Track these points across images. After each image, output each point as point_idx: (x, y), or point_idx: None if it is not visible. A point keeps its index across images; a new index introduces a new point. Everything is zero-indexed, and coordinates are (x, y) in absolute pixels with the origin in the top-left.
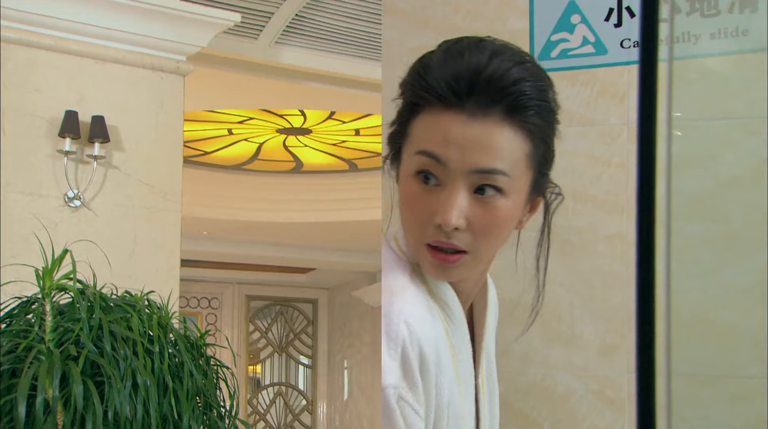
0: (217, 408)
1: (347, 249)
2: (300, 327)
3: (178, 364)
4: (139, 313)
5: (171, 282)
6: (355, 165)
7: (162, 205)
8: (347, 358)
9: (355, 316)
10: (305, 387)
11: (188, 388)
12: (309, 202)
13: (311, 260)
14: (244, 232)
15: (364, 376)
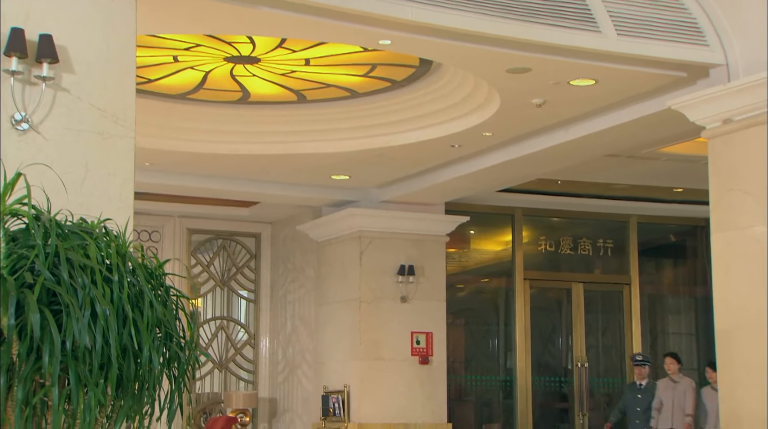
0: (177, 338)
1: (293, 182)
2: (242, 261)
3: (137, 293)
4: (96, 240)
5: (125, 211)
6: (303, 96)
7: (114, 130)
8: (290, 293)
9: (299, 250)
10: (247, 321)
11: (148, 319)
12: (255, 133)
13: (255, 193)
14: (188, 164)
15: (307, 311)
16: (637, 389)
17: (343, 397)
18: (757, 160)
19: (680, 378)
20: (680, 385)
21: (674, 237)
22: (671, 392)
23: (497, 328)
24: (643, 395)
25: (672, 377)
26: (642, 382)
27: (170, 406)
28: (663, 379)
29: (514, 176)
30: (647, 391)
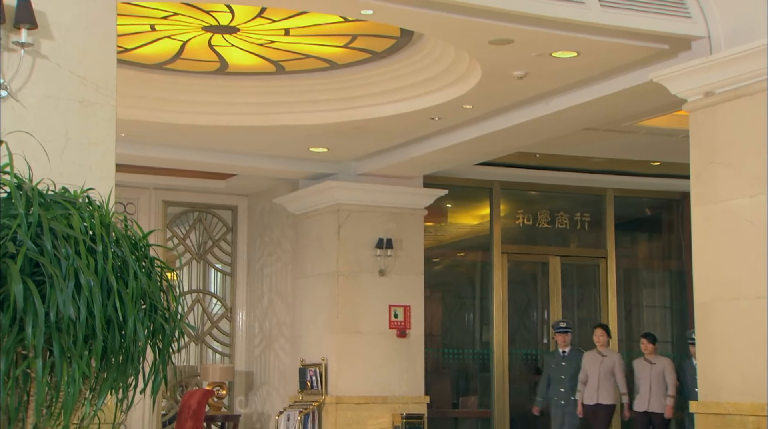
0: (162, 310)
1: (270, 155)
2: (219, 234)
3: (121, 264)
4: (79, 210)
5: (106, 181)
6: (282, 67)
7: (95, 99)
8: (267, 266)
9: (276, 223)
10: (224, 294)
11: (133, 290)
12: (233, 105)
13: (232, 166)
14: (164, 135)
15: (284, 284)
16: (560, 357)
17: (320, 370)
18: (738, 132)
19: (608, 351)
20: (608, 358)
21: (650, 211)
22: (598, 366)
23: (474, 301)
24: (568, 363)
25: (600, 350)
26: (565, 350)
27: (155, 378)
28: (589, 352)
29: (494, 149)
30: (571, 359)
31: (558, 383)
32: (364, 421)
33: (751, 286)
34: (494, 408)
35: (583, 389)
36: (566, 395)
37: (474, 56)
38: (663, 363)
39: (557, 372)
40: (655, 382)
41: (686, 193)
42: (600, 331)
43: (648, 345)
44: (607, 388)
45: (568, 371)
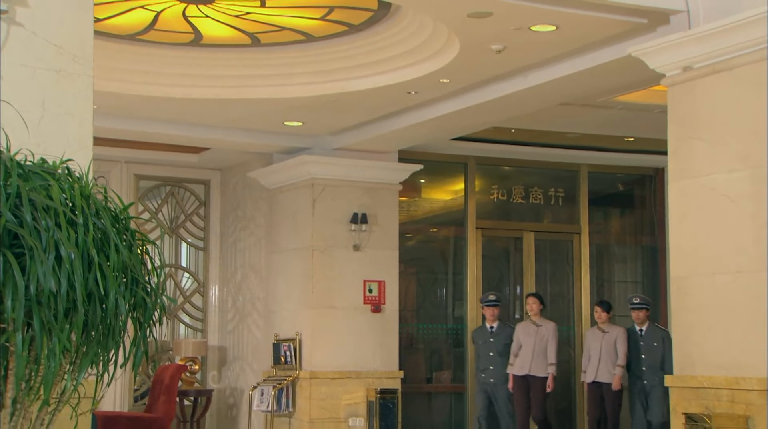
0: (143, 283)
1: (244, 128)
2: (191, 208)
3: (102, 237)
4: (59, 182)
5: (84, 152)
6: (258, 39)
7: (72, 68)
8: (240, 241)
9: (250, 198)
10: (196, 269)
11: (114, 263)
12: (207, 77)
13: (205, 139)
14: (136, 108)
15: (257, 259)
16: (488, 332)
17: (294, 345)
18: (717, 108)
19: (542, 321)
20: (542, 328)
21: (623, 186)
22: (533, 336)
23: (447, 277)
24: (496, 339)
25: (534, 320)
26: (493, 325)
27: (137, 352)
28: (522, 322)
29: (470, 124)
30: (500, 334)
31: (486, 360)
32: (339, 396)
33: (729, 261)
34: (468, 383)
35: (516, 361)
36: (496, 373)
37: (452, 29)
38: (616, 332)
39: (485, 348)
40: (606, 352)
41: (659, 168)
42: (532, 300)
43: (602, 313)
44: (543, 360)
45: (497, 347)
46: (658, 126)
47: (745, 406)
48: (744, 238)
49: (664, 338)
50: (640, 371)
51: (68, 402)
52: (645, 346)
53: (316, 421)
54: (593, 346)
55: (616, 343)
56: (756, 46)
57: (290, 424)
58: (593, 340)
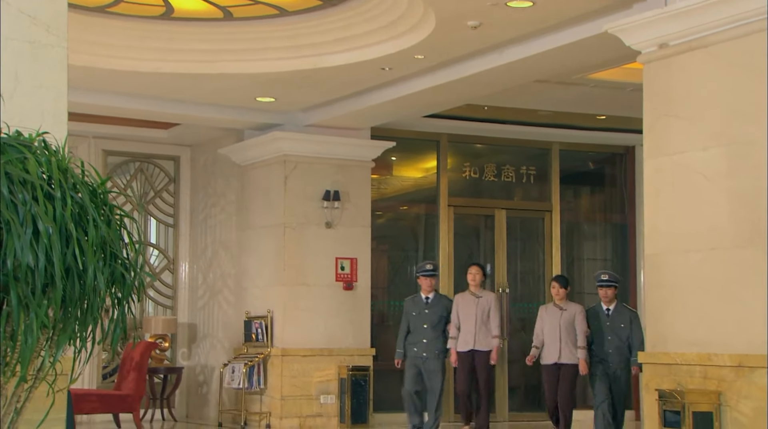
0: (122, 259)
1: (215, 104)
2: (161, 185)
3: (80, 211)
4: (35, 155)
5: (59, 126)
6: (230, 13)
7: (46, 40)
8: (211, 217)
9: (221, 174)
10: (166, 246)
11: (93, 238)
12: (178, 51)
13: (175, 114)
14: (105, 82)
15: (228, 236)
16: (423, 303)
17: (266, 323)
18: (692, 85)
19: (482, 292)
20: (483, 300)
21: (593, 165)
22: (474, 308)
23: (419, 254)
24: (432, 310)
25: (473, 291)
26: (429, 296)
27: (115, 329)
28: (461, 294)
29: (445, 101)
30: (435, 305)
31: (419, 333)
32: (310, 373)
33: (703, 238)
34: None
35: (457, 335)
36: (429, 347)
37: (428, 5)
38: (574, 309)
39: (418, 321)
40: (566, 332)
41: (630, 146)
42: (475, 270)
43: (560, 289)
44: (485, 332)
45: (431, 320)
46: (630, 104)
47: (717, 382)
48: (718, 216)
49: (632, 320)
50: (605, 354)
51: (44, 379)
52: (611, 327)
53: (288, 398)
54: (550, 325)
55: (575, 323)
56: (731, 23)
57: (261, 401)
58: (550, 318)
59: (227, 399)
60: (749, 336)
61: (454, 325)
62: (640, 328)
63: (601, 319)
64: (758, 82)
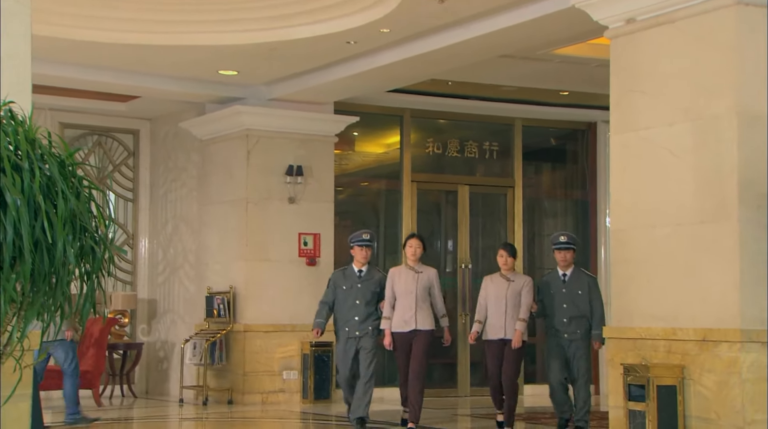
0: (91, 232)
1: (176, 77)
2: (120, 159)
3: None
4: (1, 125)
5: (24, 96)
6: None
7: (11, 7)
8: (171, 192)
9: (181, 148)
10: (125, 221)
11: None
12: (138, 22)
13: (135, 87)
14: (63, 53)
15: (189, 211)
16: (356, 276)
17: (228, 298)
18: (659, 60)
19: (422, 267)
20: (423, 275)
21: (555, 141)
22: (414, 284)
23: (380, 230)
24: (365, 284)
25: (412, 265)
26: (362, 268)
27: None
28: (397, 267)
29: (409, 75)
30: (369, 279)
31: (351, 310)
32: (273, 349)
33: (669, 213)
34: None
35: (392, 314)
36: (362, 326)
37: None
38: (522, 280)
39: (349, 296)
40: (513, 305)
41: (592, 123)
42: (416, 242)
43: (508, 258)
44: (426, 310)
45: (364, 295)
46: (593, 80)
47: (681, 356)
48: (684, 191)
49: (591, 286)
50: (560, 324)
51: (12, 354)
52: (567, 294)
53: (250, 374)
54: (496, 297)
55: (522, 295)
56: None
57: (224, 377)
58: (495, 289)
59: (188, 375)
60: (713, 311)
61: (388, 302)
62: (600, 296)
63: (557, 286)
64: (725, 58)
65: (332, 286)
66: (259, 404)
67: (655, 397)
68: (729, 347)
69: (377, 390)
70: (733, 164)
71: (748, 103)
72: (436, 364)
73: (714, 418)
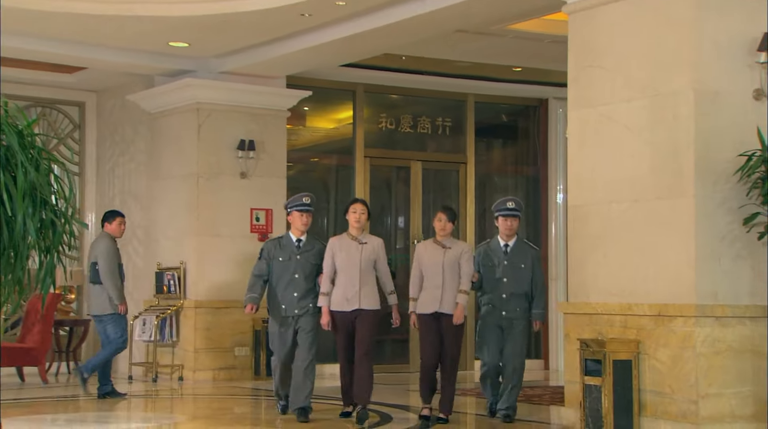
0: (51, 204)
1: (125, 48)
2: (65, 132)
3: (6, 154)
4: None
5: None
6: None
7: None
8: (119, 166)
9: (129, 122)
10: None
11: (22, 184)
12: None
13: (81, 58)
14: (4, 21)
15: (137, 185)
16: (294, 247)
17: (178, 274)
18: (616, 36)
19: (367, 237)
20: (368, 246)
21: (506, 117)
22: (358, 255)
23: (330, 206)
24: (304, 256)
25: (355, 234)
26: (301, 238)
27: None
28: (338, 236)
29: (364, 50)
30: (309, 250)
31: (289, 286)
32: (224, 325)
33: (626, 189)
34: None
35: (331, 290)
36: (302, 303)
37: None
38: (460, 247)
39: (287, 269)
40: (451, 275)
41: (544, 99)
42: (361, 208)
43: (447, 223)
44: (371, 287)
45: (303, 268)
46: (547, 56)
47: (637, 331)
48: (641, 168)
49: (535, 260)
50: (498, 300)
51: None
52: (509, 266)
53: (201, 351)
54: (431, 267)
55: (461, 263)
56: None
57: (174, 353)
58: (431, 257)
59: (137, 352)
60: (669, 286)
61: (327, 276)
62: (542, 272)
63: (498, 257)
64: (682, 34)
65: (266, 258)
66: (211, 381)
67: (611, 371)
68: (684, 322)
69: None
70: (689, 141)
71: (705, 80)
72: (387, 340)
73: (668, 392)
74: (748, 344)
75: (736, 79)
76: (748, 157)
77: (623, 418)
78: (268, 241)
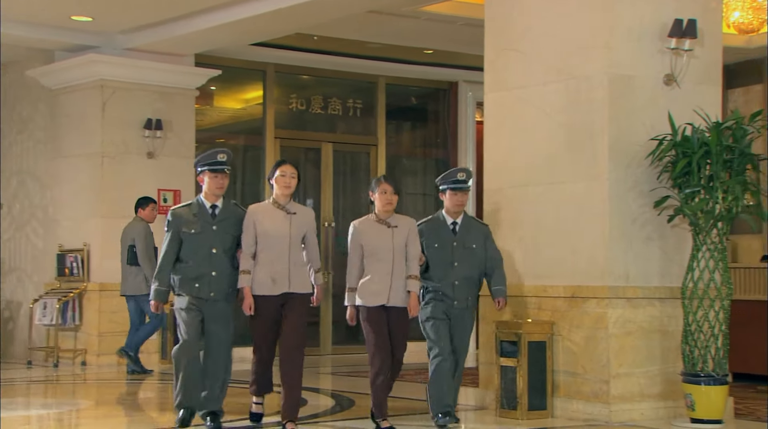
0: None
1: (23, 21)
2: None
3: None
4: None
5: None
6: None
7: None
8: (16, 145)
9: (27, 98)
10: None
11: None
12: None
13: None
14: None
15: (37, 164)
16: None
17: (82, 256)
18: (533, 19)
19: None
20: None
21: (416, 100)
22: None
23: (239, 187)
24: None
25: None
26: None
27: None
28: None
29: (275, 29)
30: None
31: (204, 262)
32: None
33: (542, 173)
34: None
35: (252, 267)
36: (218, 283)
37: None
38: (407, 225)
39: (202, 241)
40: (400, 258)
41: (454, 82)
42: (291, 170)
43: (393, 196)
44: (301, 266)
45: (222, 240)
46: (458, 39)
47: (551, 312)
48: (557, 151)
49: (487, 237)
50: (448, 287)
51: None
52: (459, 247)
53: (106, 335)
54: (378, 250)
55: (407, 245)
56: None
57: (76, 337)
58: (376, 239)
59: (37, 336)
60: (583, 268)
61: (247, 251)
62: (496, 247)
63: (446, 238)
64: (597, 18)
65: (174, 230)
66: (115, 366)
67: (526, 352)
68: (597, 303)
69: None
70: (603, 124)
71: (618, 64)
72: None
73: (581, 372)
74: (657, 324)
75: (648, 63)
76: (659, 142)
77: (537, 399)
78: (174, 210)
